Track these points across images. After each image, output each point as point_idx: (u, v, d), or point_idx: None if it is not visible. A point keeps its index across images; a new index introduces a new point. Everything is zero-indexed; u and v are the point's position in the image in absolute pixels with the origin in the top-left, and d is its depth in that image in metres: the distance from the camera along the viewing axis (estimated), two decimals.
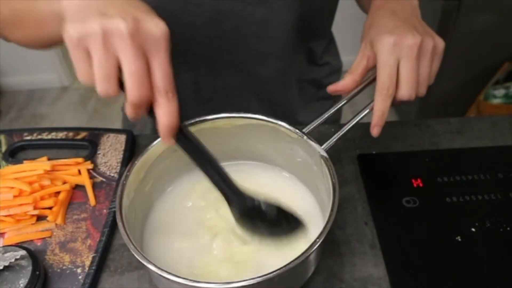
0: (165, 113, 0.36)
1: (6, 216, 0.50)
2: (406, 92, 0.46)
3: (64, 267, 0.47)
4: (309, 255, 0.36)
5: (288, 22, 0.62)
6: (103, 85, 0.35)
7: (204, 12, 0.59)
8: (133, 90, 0.35)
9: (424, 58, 0.47)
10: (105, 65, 0.35)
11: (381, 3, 0.54)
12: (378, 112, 0.47)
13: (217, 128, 0.49)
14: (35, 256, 0.45)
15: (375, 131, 0.48)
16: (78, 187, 0.55)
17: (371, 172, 0.57)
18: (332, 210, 0.39)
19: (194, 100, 0.69)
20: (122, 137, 0.60)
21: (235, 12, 0.59)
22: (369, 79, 0.49)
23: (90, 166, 0.56)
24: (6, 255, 0.44)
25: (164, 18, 0.58)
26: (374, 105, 0.47)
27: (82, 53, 0.35)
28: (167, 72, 0.36)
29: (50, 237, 0.50)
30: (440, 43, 0.48)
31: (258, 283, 0.34)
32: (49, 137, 0.61)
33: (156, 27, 0.35)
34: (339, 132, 0.46)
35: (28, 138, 0.61)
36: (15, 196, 0.50)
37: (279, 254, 0.44)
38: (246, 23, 0.60)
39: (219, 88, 0.68)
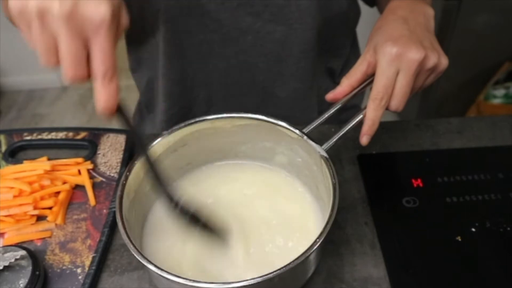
0: (102, 96, 0.36)
1: (6, 216, 0.50)
2: (394, 105, 0.46)
3: (64, 267, 0.47)
4: (309, 255, 0.36)
5: (307, 42, 0.60)
6: (44, 58, 0.37)
7: (222, 28, 0.57)
8: (67, 70, 0.35)
9: (422, 74, 0.46)
10: (42, 42, 0.35)
11: (396, 6, 0.52)
12: (369, 121, 0.46)
13: (217, 128, 0.49)
14: (35, 256, 0.45)
15: (364, 140, 0.47)
16: (78, 187, 0.55)
17: (371, 172, 0.57)
18: (332, 210, 0.39)
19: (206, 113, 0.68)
20: (122, 137, 0.60)
21: (254, 30, 0.57)
22: (367, 82, 0.49)
23: (90, 166, 0.56)
24: (6, 255, 0.44)
25: (180, 32, 0.58)
26: (366, 113, 0.46)
27: (26, 25, 0.36)
28: (105, 56, 0.35)
29: (50, 237, 0.50)
30: (443, 62, 0.47)
31: (258, 283, 0.34)
32: (49, 137, 0.61)
33: (95, 10, 0.34)
34: (339, 132, 0.46)
35: (28, 138, 0.61)
36: (15, 196, 0.50)
37: (284, 254, 0.44)
38: (265, 41, 0.59)
39: (233, 106, 0.65)
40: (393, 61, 0.44)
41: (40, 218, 0.51)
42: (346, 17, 0.64)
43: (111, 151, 0.59)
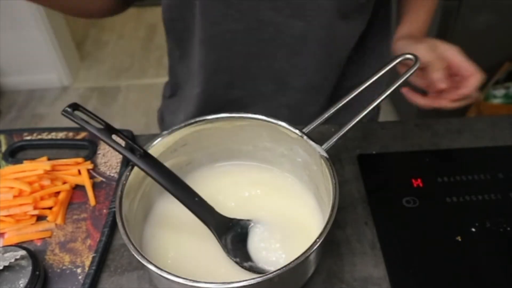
0: None
1: (6, 216, 0.50)
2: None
3: (64, 267, 0.47)
4: (309, 255, 0.36)
5: (325, 37, 0.62)
6: None
7: (244, 18, 0.60)
8: None
9: None
10: None
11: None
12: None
13: (217, 128, 0.49)
14: (35, 256, 0.45)
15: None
16: (78, 187, 0.55)
17: (371, 172, 0.57)
18: (332, 210, 0.39)
19: (224, 96, 0.70)
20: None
21: (274, 23, 0.60)
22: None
23: (90, 166, 0.56)
24: (6, 255, 0.44)
25: (208, 21, 0.61)
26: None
27: None
28: None
29: (50, 237, 0.50)
30: None
31: (258, 283, 0.34)
32: (49, 137, 0.61)
33: None
34: (339, 132, 0.46)
35: (28, 138, 0.61)
36: (15, 196, 0.50)
37: (284, 254, 0.44)
38: (284, 35, 0.62)
39: (251, 90, 0.69)
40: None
41: (40, 218, 0.51)
42: (364, 13, 0.67)
43: (111, 151, 0.59)
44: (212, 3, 0.59)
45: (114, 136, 0.42)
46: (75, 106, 0.42)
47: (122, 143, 0.43)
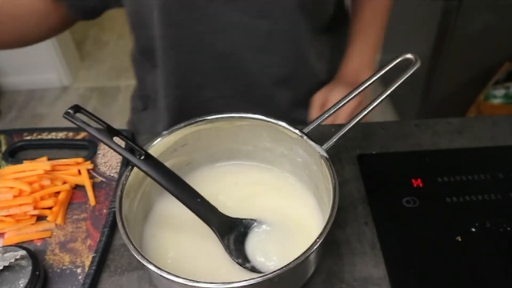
0: None
1: (6, 216, 0.50)
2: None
3: (64, 267, 0.47)
4: (309, 255, 0.36)
5: (291, 34, 0.65)
6: None
7: (211, 22, 0.61)
8: None
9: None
10: None
11: (342, 75, 0.72)
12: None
13: (217, 128, 0.49)
14: (35, 256, 0.45)
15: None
16: (78, 187, 0.55)
17: (371, 172, 0.57)
18: (332, 210, 0.39)
19: (196, 99, 0.71)
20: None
21: (241, 24, 0.62)
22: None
23: (90, 166, 0.56)
24: (6, 255, 0.44)
25: (173, 26, 0.62)
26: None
27: None
28: None
29: (50, 237, 0.50)
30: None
31: (258, 283, 0.34)
32: (49, 137, 0.61)
33: None
34: (339, 132, 0.46)
35: (28, 138, 0.61)
36: (15, 196, 0.50)
37: (284, 254, 0.44)
38: (251, 35, 0.63)
39: (223, 90, 0.70)
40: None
41: (40, 218, 0.51)
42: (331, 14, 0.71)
43: (111, 151, 0.59)
44: (176, 8, 0.60)
45: (115, 138, 0.42)
46: (76, 108, 0.41)
47: (123, 144, 0.43)
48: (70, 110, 0.41)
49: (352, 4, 0.77)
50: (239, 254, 0.44)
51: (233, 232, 0.45)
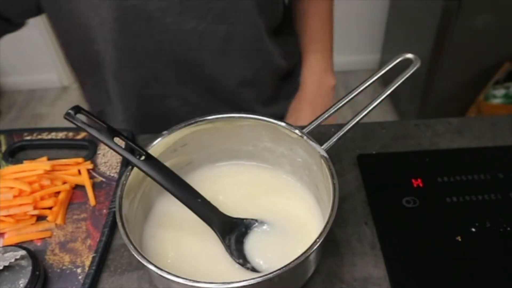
0: None
1: (6, 216, 0.50)
2: None
3: (64, 267, 0.47)
4: (309, 255, 0.36)
5: (250, 36, 0.65)
6: None
7: (168, 31, 0.61)
8: None
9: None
10: None
11: (306, 88, 0.75)
12: None
13: (217, 128, 0.49)
14: (35, 256, 0.45)
15: None
16: (78, 187, 0.55)
17: (371, 172, 0.57)
18: (332, 210, 0.39)
19: (160, 108, 0.71)
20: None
21: (199, 31, 0.62)
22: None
23: (90, 166, 0.56)
24: (6, 255, 0.44)
25: (129, 37, 0.61)
26: None
27: None
28: None
29: (50, 237, 0.50)
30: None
31: (258, 283, 0.34)
32: (49, 137, 0.61)
33: None
34: (339, 132, 0.46)
35: (28, 138, 0.61)
36: (15, 196, 0.50)
37: (284, 254, 0.44)
38: (210, 40, 0.63)
39: (187, 96, 0.70)
40: None
41: (40, 218, 0.51)
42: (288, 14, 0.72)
43: (111, 151, 0.59)
44: (132, 19, 0.59)
45: (116, 139, 0.42)
46: (77, 109, 0.41)
47: (124, 145, 0.43)
48: (70, 111, 0.41)
49: (295, 12, 0.77)
50: (240, 254, 0.44)
51: (234, 232, 0.45)
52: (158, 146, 0.47)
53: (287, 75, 0.77)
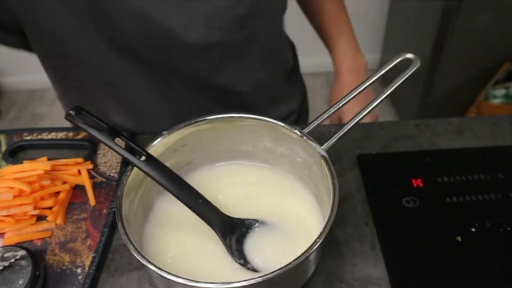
0: None
1: (6, 216, 0.50)
2: None
3: (64, 267, 0.47)
4: (309, 255, 0.36)
5: (271, 37, 0.65)
6: None
7: (191, 46, 0.58)
8: None
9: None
10: None
11: (340, 69, 0.75)
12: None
13: (217, 128, 0.49)
14: (35, 256, 0.45)
15: None
16: (78, 187, 0.55)
17: (371, 172, 0.57)
18: (332, 210, 0.39)
19: (173, 118, 0.68)
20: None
21: (221, 42, 0.59)
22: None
23: (90, 166, 0.56)
24: (6, 255, 0.44)
25: (148, 55, 0.59)
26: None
27: None
28: None
29: (50, 237, 0.50)
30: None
31: (258, 283, 0.34)
32: (49, 137, 0.61)
33: None
34: (339, 132, 0.46)
35: (28, 138, 0.61)
36: (15, 196, 0.50)
37: (284, 254, 0.44)
38: (230, 49, 0.61)
39: (200, 105, 0.68)
40: None
41: (40, 218, 0.51)
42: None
43: (111, 151, 0.59)
44: (153, 40, 0.57)
45: (117, 140, 0.42)
46: (77, 110, 0.41)
47: (124, 145, 0.43)
48: (71, 112, 0.41)
49: (308, 5, 0.77)
50: (240, 254, 0.44)
51: (235, 233, 0.45)
52: (158, 146, 0.47)
53: (292, 73, 0.77)
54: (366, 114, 0.47)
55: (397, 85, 0.48)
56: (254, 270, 0.43)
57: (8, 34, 0.61)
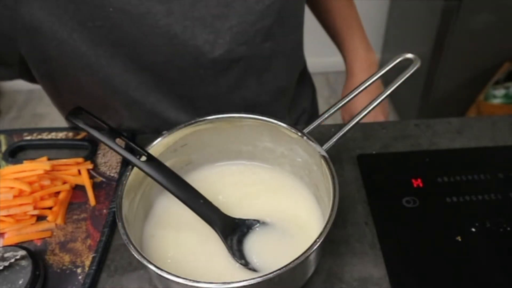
0: None
1: (6, 216, 0.50)
2: None
3: (64, 267, 0.47)
4: (309, 255, 0.36)
5: (295, 46, 0.65)
6: None
7: (216, 63, 0.57)
8: None
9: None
10: None
11: (353, 70, 0.76)
12: None
13: (217, 128, 0.49)
14: (35, 256, 0.45)
15: None
16: (78, 187, 0.55)
17: (371, 172, 0.57)
18: (332, 210, 0.39)
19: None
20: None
21: (246, 56, 0.58)
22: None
23: (90, 166, 0.56)
24: (6, 255, 0.44)
25: (175, 73, 0.57)
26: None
27: None
28: None
29: (50, 237, 0.50)
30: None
31: (258, 283, 0.34)
32: (49, 137, 0.61)
33: None
34: (339, 132, 0.46)
35: (28, 138, 0.61)
36: (15, 196, 0.50)
37: (284, 254, 0.44)
38: (255, 62, 0.60)
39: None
40: None
41: (40, 218, 0.51)
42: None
43: (111, 151, 0.59)
44: (181, 58, 0.55)
45: (117, 140, 0.42)
46: (78, 110, 0.41)
47: (125, 145, 0.43)
48: (72, 112, 0.41)
49: (318, 3, 0.76)
50: (241, 255, 0.44)
51: (236, 233, 0.45)
52: (158, 146, 0.47)
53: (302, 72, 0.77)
54: (365, 115, 0.47)
55: (397, 85, 0.48)
56: (254, 270, 0.43)
57: (6, 69, 0.59)
